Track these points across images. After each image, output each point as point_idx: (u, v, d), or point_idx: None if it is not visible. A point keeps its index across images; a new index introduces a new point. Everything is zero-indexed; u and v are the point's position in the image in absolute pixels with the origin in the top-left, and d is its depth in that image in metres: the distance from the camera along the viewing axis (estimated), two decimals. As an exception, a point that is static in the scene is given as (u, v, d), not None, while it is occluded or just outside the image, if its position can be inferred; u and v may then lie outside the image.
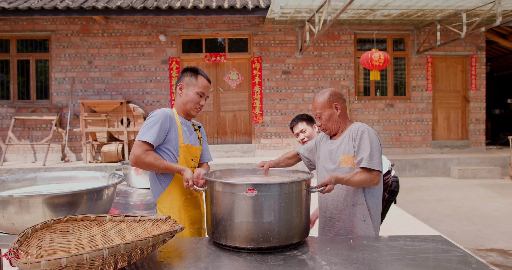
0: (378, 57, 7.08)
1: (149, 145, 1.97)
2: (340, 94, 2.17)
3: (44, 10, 7.81)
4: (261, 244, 1.59)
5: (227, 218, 1.64)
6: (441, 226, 4.78)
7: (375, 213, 2.11)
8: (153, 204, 2.50)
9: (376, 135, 2.07)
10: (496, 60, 12.51)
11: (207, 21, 8.87)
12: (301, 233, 1.70)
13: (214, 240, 1.70)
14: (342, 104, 2.15)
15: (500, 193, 6.66)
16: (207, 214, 1.78)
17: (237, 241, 1.61)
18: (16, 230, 1.72)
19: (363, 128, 2.07)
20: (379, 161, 2.00)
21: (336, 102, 2.13)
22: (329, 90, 2.17)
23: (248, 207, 1.61)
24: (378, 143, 2.05)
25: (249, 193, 1.60)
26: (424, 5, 7.31)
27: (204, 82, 2.20)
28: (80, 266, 1.18)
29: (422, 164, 8.40)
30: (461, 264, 1.44)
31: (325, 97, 2.14)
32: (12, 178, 2.13)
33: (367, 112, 9.11)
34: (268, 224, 1.60)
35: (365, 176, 1.97)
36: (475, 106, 9.30)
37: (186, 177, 1.93)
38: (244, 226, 1.61)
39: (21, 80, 8.97)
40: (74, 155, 8.88)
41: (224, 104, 9.13)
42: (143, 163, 1.95)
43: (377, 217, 2.13)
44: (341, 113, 2.14)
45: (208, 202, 1.76)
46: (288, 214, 1.64)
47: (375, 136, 2.05)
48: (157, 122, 1.99)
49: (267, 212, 1.60)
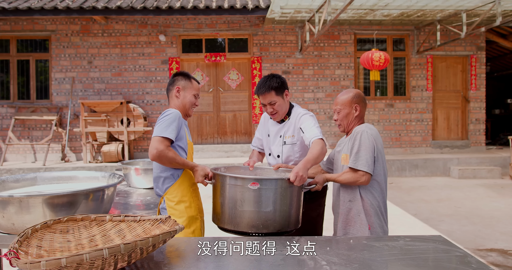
0: (378, 57, 7.08)
1: (169, 141, 2.15)
2: (363, 97, 2.27)
3: (44, 10, 7.81)
4: (260, 230, 1.87)
5: (232, 207, 1.92)
6: (441, 226, 4.79)
7: (373, 209, 2.16)
8: (153, 204, 2.50)
9: (370, 137, 2.12)
10: (496, 60, 12.50)
11: (207, 21, 8.87)
12: (295, 222, 2.00)
13: (220, 226, 1.99)
14: (362, 107, 2.25)
15: (500, 193, 6.66)
16: (215, 204, 2.06)
17: (241, 226, 1.89)
18: (16, 230, 1.72)
19: (361, 129, 2.15)
20: (365, 161, 2.08)
21: (357, 104, 2.23)
22: (354, 91, 2.27)
23: (251, 197, 1.88)
24: (369, 144, 2.10)
25: (253, 186, 1.87)
26: (424, 5, 7.30)
27: (197, 85, 2.45)
28: (80, 266, 1.18)
29: (422, 164, 8.40)
30: (461, 264, 1.44)
31: (348, 96, 2.25)
32: (12, 178, 2.13)
33: (367, 112, 9.10)
34: (267, 213, 1.88)
35: (350, 175, 2.12)
36: (475, 106, 9.30)
37: (204, 172, 2.16)
38: (247, 214, 1.89)
39: (21, 80, 8.97)
40: (74, 155, 8.88)
41: (224, 104, 9.13)
42: (166, 158, 2.12)
43: (375, 213, 2.17)
44: (358, 115, 2.25)
45: (217, 193, 2.03)
46: (284, 206, 1.92)
47: (367, 138, 2.11)
48: (174, 121, 2.18)
49: (266, 203, 1.88)
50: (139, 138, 8.84)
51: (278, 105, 2.44)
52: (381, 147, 2.16)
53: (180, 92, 2.35)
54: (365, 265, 1.42)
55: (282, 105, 2.45)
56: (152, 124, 8.89)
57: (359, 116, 2.24)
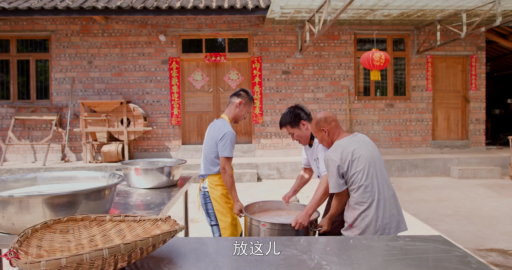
0: (379, 57, 7.08)
1: (231, 159, 2.91)
2: (323, 118, 2.52)
3: (44, 10, 7.81)
4: None
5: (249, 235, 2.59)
6: (441, 226, 4.79)
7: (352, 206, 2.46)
8: (153, 204, 2.50)
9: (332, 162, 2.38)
10: (496, 60, 12.51)
11: (207, 21, 8.87)
12: None
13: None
14: (328, 126, 2.52)
15: (500, 193, 6.66)
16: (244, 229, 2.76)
17: None
18: (16, 230, 1.72)
19: (325, 157, 2.45)
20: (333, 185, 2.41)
21: (322, 127, 2.52)
22: (314, 120, 2.57)
23: (262, 233, 2.48)
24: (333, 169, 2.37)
25: (263, 227, 2.47)
26: (424, 5, 7.30)
27: (252, 105, 3.14)
28: (80, 266, 1.18)
29: (422, 164, 8.40)
30: (461, 264, 1.44)
31: (313, 127, 2.59)
32: (12, 178, 2.13)
33: (367, 112, 9.11)
34: None
35: (334, 202, 2.50)
36: (475, 106, 9.30)
37: (240, 208, 2.87)
38: None
39: (21, 80, 8.97)
40: (74, 155, 8.88)
41: (224, 104, 9.13)
42: (227, 181, 2.87)
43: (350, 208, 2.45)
44: (330, 133, 2.54)
45: (245, 223, 2.70)
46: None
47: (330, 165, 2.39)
48: (233, 141, 2.90)
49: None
50: (139, 138, 8.84)
51: (297, 135, 2.83)
52: (358, 155, 2.36)
53: (241, 105, 3.02)
54: (365, 265, 1.42)
55: (301, 135, 2.83)
56: (152, 124, 8.89)
57: (332, 132, 2.53)
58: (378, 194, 2.34)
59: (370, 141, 2.54)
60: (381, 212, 2.33)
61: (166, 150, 8.95)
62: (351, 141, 2.43)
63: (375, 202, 2.34)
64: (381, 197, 2.35)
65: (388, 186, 2.42)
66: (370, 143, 2.51)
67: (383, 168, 2.44)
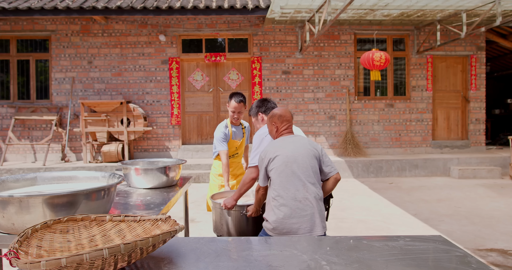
0: (379, 57, 7.08)
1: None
2: (279, 116, 2.68)
3: (44, 10, 7.81)
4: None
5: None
6: (441, 226, 4.79)
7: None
8: (153, 204, 2.50)
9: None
10: (496, 60, 12.50)
11: (207, 21, 8.87)
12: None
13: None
14: (279, 124, 2.70)
15: (500, 193, 6.66)
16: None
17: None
18: (16, 230, 1.72)
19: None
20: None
21: (274, 122, 2.70)
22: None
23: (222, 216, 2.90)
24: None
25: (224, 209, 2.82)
26: (424, 5, 7.30)
27: (233, 103, 3.59)
28: (80, 266, 1.18)
29: (422, 164, 8.40)
30: (461, 264, 1.44)
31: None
32: (12, 178, 2.13)
33: (367, 112, 9.11)
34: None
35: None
36: (475, 106, 9.30)
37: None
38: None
39: (21, 80, 8.97)
40: (74, 155, 8.88)
41: (224, 104, 9.12)
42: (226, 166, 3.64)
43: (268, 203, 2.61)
44: (278, 130, 2.71)
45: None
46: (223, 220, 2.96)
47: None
48: (218, 138, 3.64)
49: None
50: (139, 138, 8.84)
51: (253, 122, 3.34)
52: (278, 154, 2.49)
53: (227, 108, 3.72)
54: (365, 265, 1.42)
55: (255, 124, 3.30)
56: (152, 124, 8.89)
57: (280, 130, 2.70)
58: (287, 194, 2.40)
59: (306, 143, 2.53)
60: (289, 212, 2.37)
61: (166, 150, 8.95)
62: (283, 141, 2.57)
63: (283, 200, 2.39)
64: (291, 197, 2.39)
65: (306, 188, 2.39)
66: (301, 144, 2.51)
67: (306, 170, 2.42)
